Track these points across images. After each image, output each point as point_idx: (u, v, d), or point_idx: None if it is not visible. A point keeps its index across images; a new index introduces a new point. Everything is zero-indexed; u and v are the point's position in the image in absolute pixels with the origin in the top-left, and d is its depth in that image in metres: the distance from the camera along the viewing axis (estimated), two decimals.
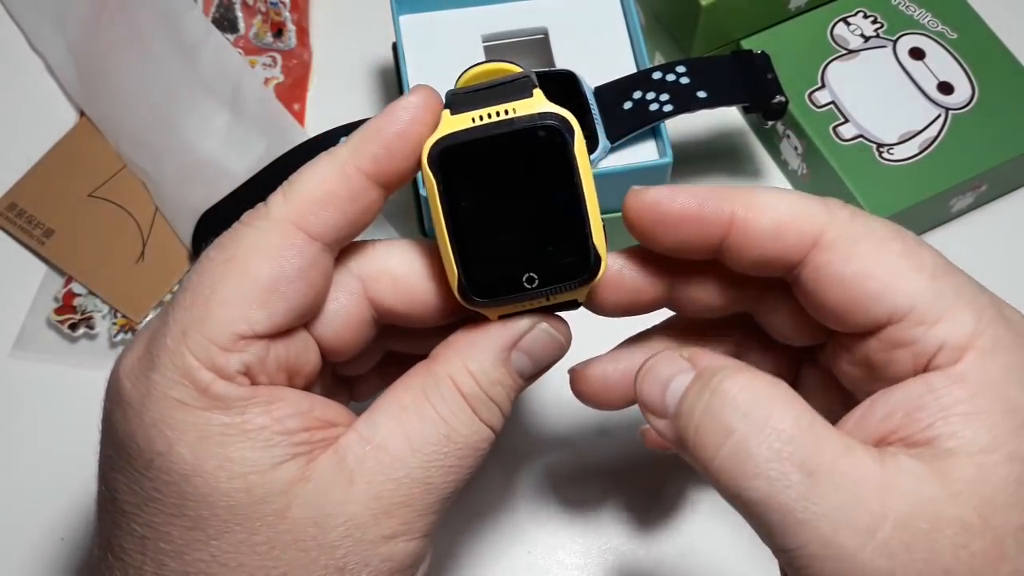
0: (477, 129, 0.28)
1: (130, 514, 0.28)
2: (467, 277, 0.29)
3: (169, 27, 0.53)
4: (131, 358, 0.28)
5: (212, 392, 0.27)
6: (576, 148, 0.28)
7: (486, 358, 0.30)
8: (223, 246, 0.28)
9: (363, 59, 0.56)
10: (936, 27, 0.53)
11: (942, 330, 0.27)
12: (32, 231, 0.50)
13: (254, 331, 0.28)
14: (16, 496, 0.45)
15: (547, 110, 0.28)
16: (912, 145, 0.49)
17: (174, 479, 0.27)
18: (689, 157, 0.52)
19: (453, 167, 0.29)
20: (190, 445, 0.27)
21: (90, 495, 0.44)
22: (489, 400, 0.30)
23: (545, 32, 0.49)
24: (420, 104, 0.29)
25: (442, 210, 0.29)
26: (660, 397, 0.29)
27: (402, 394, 0.29)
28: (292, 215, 0.28)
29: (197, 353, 0.27)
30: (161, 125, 0.51)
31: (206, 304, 0.27)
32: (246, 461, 0.27)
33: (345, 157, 0.29)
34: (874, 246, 0.28)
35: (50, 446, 0.46)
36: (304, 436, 0.28)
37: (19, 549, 0.44)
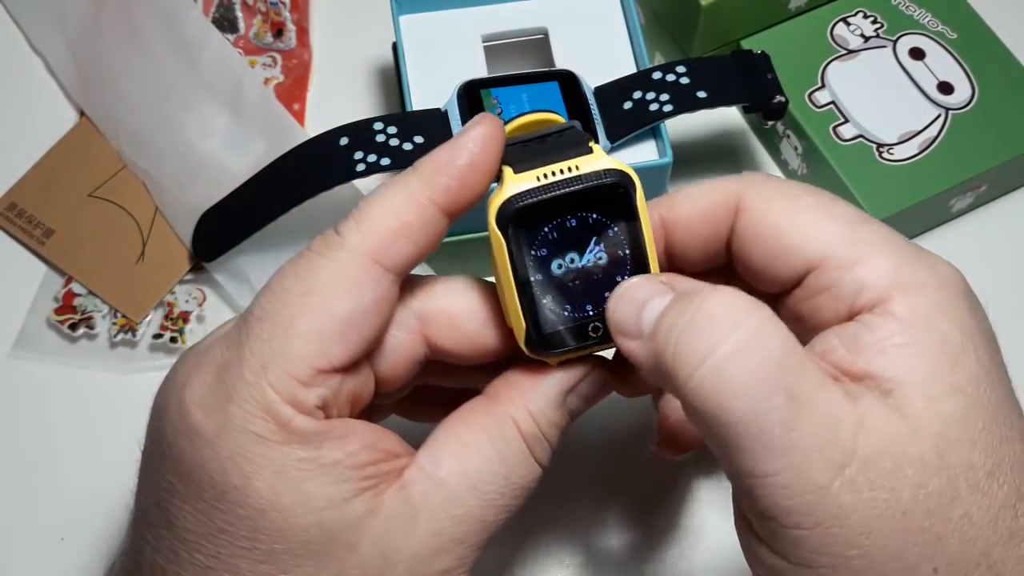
0: (544, 188, 0.29)
1: (193, 543, 0.27)
2: (535, 330, 0.30)
3: (169, 27, 0.53)
4: (199, 387, 0.28)
5: (292, 427, 0.27)
6: (638, 201, 0.29)
7: (546, 401, 0.30)
8: (300, 277, 0.28)
9: (363, 59, 0.56)
10: (936, 27, 0.53)
11: (860, 273, 0.28)
12: (32, 231, 0.50)
13: (332, 365, 0.28)
14: (16, 496, 0.45)
15: (611, 166, 0.29)
16: (912, 145, 0.49)
17: (249, 513, 0.27)
18: (689, 157, 0.52)
19: (521, 225, 0.29)
20: (267, 480, 0.27)
21: (90, 495, 0.45)
22: (545, 441, 0.30)
23: (545, 32, 0.49)
24: (489, 135, 0.29)
25: (510, 266, 0.29)
26: (635, 317, 0.28)
27: (463, 431, 0.30)
28: (368, 247, 0.28)
29: (278, 387, 0.27)
30: (161, 125, 0.51)
31: (286, 338, 0.27)
32: (321, 496, 0.27)
33: (418, 188, 0.29)
34: (787, 202, 0.29)
35: (50, 446, 0.46)
36: (372, 470, 0.28)
37: (19, 549, 0.44)
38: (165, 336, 0.48)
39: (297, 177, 0.45)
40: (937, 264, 0.28)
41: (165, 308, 0.48)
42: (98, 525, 0.43)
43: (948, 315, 0.27)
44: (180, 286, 0.49)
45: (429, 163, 0.29)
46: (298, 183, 0.44)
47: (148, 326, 0.48)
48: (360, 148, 0.43)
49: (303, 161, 0.45)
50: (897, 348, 0.27)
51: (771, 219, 0.29)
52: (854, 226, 0.29)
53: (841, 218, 0.29)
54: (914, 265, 0.28)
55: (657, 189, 0.47)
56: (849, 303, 0.28)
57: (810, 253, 0.29)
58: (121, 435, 0.46)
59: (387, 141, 0.43)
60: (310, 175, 0.44)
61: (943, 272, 0.28)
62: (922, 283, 0.27)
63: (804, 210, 0.29)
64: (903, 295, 0.27)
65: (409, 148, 0.43)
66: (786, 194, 0.30)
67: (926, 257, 0.29)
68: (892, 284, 0.27)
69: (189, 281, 0.49)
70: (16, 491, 0.45)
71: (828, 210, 0.29)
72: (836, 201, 0.30)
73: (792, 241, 0.29)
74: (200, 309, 0.48)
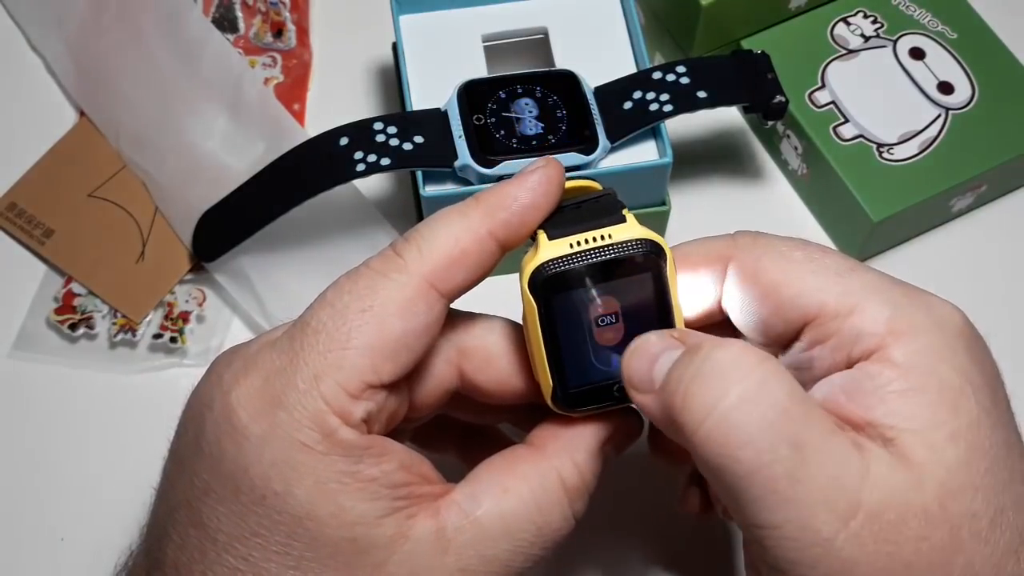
0: (576, 256, 0.30)
1: (223, 544, 0.28)
2: (561, 388, 0.31)
3: (169, 27, 0.53)
4: (247, 389, 0.28)
5: (336, 438, 0.28)
6: (668, 271, 0.30)
7: (590, 453, 0.31)
8: (359, 294, 0.29)
9: (363, 59, 0.56)
10: (936, 27, 0.53)
11: (857, 320, 0.28)
12: (32, 231, 0.50)
13: (381, 381, 0.29)
14: (16, 496, 0.45)
15: (642, 236, 0.30)
16: (912, 145, 0.49)
17: (285, 519, 0.27)
18: (689, 157, 0.52)
19: (552, 290, 0.30)
20: (307, 489, 0.27)
21: (90, 495, 0.45)
22: (586, 493, 0.31)
23: (545, 32, 0.49)
24: (551, 179, 0.30)
25: (540, 328, 0.30)
26: (647, 371, 0.29)
27: (505, 477, 0.30)
28: (426, 271, 0.29)
29: (328, 398, 0.28)
30: (161, 125, 0.51)
31: (342, 351, 0.28)
32: (356, 511, 0.28)
33: (479, 220, 0.30)
34: (777, 259, 0.30)
35: (50, 446, 0.46)
36: (405, 491, 0.29)
37: (19, 549, 0.44)
38: (165, 336, 0.48)
39: (297, 177, 0.45)
40: (933, 305, 0.29)
41: (165, 308, 0.48)
42: (98, 525, 0.43)
43: (946, 359, 0.27)
44: (180, 286, 0.49)
45: (493, 197, 0.30)
46: (298, 183, 0.44)
47: (148, 326, 0.48)
48: (360, 148, 0.43)
49: (303, 161, 0.45)
50: (897, 395, 0.27)
51: (764, 278, 0.30)
52: (845, 276, 0.29)
53: (832, 269, 0.30)
54: (909, 310, 0.28)
55: (657, 189, 0.47)
56: (847, 352, 0.28)
57: (805, 306, 0.29)
58: (121, 435, 0.46)
59: (387, 141, 0.43)
60: (310, 175, 0.44)
61: (939, 313, 0.29)
62: (918, 328, 0.28)
63: (795, 264, 0.30)
64: (899, 341, 0.28)
65: (409, 148, 0.43)
66: (775, 251, 0.30)
67: (921, 299, 0.29)
68: (888, 331, 0.28)
69: (189, 281, 0.49)
70: (16, 491, 0.45)
71: (818, 262, 0.30)
72: (826, 252, 0.30)
73: (787, 296, 0.30)
74: (200, 309, 0.48)
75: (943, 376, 0.27)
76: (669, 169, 0.45)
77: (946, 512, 0.25)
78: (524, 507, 0.29)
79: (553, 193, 0.30)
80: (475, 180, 0.44)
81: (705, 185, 0.52)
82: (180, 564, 0.29)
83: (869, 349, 0.28)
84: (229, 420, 0.28)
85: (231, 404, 0.28)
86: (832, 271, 0.30)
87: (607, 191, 0.32)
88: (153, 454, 0.32)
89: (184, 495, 0.29)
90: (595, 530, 0.44)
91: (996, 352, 0.30)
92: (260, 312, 0.47)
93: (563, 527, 0.30)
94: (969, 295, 0.50)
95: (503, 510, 0.29)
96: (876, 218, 0.47)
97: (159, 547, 0.29)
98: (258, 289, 0.47)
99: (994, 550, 0.26)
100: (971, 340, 0.29)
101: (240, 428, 0.28)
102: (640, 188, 0.46)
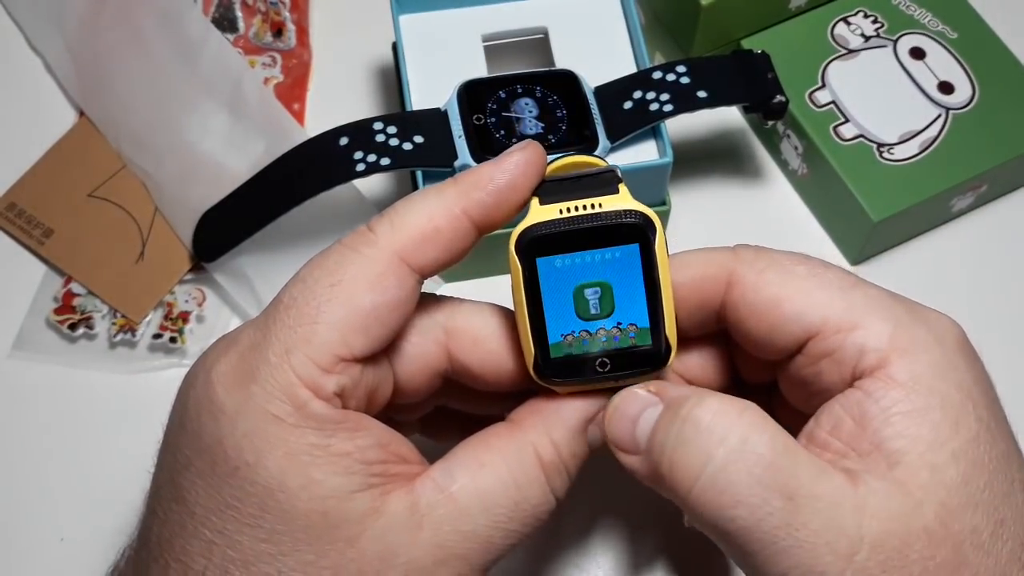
0: (563, 221, 0.30)
1: (200, 517, 0.28)
2: (543, 357, 0.30)
3: (169, 27, 0.53)
4: (224, 366, 0.29)
5: (308, 410, 0.28)
6: (656, 244, 0.30)
7: (568, 429, 0.31)
8: (329, 269, 0.29)
9: (363, 59, 0.56)
10: (936, 27, 0.53)
11: (860, 336, 0.28)
12: (32, 231, 0.50)
13: (353, 355, 0.29)
14: (16, 496, 0.45)
15: (631, 207, 0.30)
16: (912, 145, 0.49)
17: (256, 491, 0.27)
18: (689, 157, 0.52)
19: (538, 255, 0.30)
20: (278, 460, 0.27)
21: (90, 495, 0.45)
22: (564, 471, 0.31)
23: (545, 32, 0.49)
24: (530, 160, 0.30)
25: (524, 294, 0.30)
26: (630, 434, 0.29)
27: (482, 452, 0.30)
28: (398, 246, 0.29)
29: (299, 371, 0.28)
30: (161, 125, 0.51)
31: (311, 325, 0.28)
32: (327, 485, 0.28)
33: (454, 198, 0.30)
34: (780, 273, 0.30)
35: (50, 446, 0.46)
36: (380, 468, 0.29)
37: (19, 549, 0.44)
38: (165, 336, 0.48)
39: (297, 177, 0.45)
40: (932, 320, 0.29)
41: (165, 308, 0.48)
42: (98, 525, 0.43)
43: (947, 375, 0.28)
44: (180, 286, 0.49)
45: (469, 177, 0.30)
46: (298, 183, 0.44)
47: (148, 326, 0.48)
48: (360, 148, 0.43)
49: (303, 161, 0.45)
50: (902, 417, 0.27)
51: (767, 292, 0.30)
52: (848, 291, 0.30)
53: (835, 284, 0.30)
54: (910, 326, 0.29)
55: (657, 189, 0.47)
56: (851, 366, 0.29)
57: (808, 321, 0.29)
58: (121, 435, 0.46)
59: (387, 141, 0.43)
60: (310, 175, 0.44)
61: (939, 328, 0.29)
62: (919, 344, 0.28)
63: (797, 279, 0.30)
64: (902, 358, 0.28)
65: (409, 148, 0.43)
66: (778, 265, 0.30)
67: (921, 314, 0.29)
68: (890, 347, 0.28)
69: (189, 281, 0.49)
70: (16, 491, 0.45)
71: (821, 277, 0.30)
72: (828, 267, 0.30)
73: (789, 311, 0.30)
74: (200, 309, 0.48)
75: (945, 394, 0.27)
76: (669, 169, 0.45)
77: (948, 530, 0.26)
78: (500, 482, 0.29)
79: (531, 175, 0.30)
80: None
81: (705, 185, 0.52)
82: (163, 539, 0.29)
83: (872, 365, 0.28)
84: (208, 395, 0.28)
85: (211, 380, 0.29)
86: (835, 286, 0.30)
87: (610, 168, 0.31)
88: (153, 454, 0.32)
89: (168, 472, 0.29)
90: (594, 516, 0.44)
91: (995, 351, 0.30)
92: (260, 312, 0.47)
93: (542, 503, 0.30)
94: (969, 295, 0.50)
95: (479, 485, 0.29)
96: (876, 218, 0.47)
97: (146, 525, 0.30)
98: (258, 289, 0.47)
99: (997, 560, 0.26)
100: (969, 354, 0.29)
101: (217, 402, 0.28)
102: (640, 188, 0.45)
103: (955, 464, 0.27)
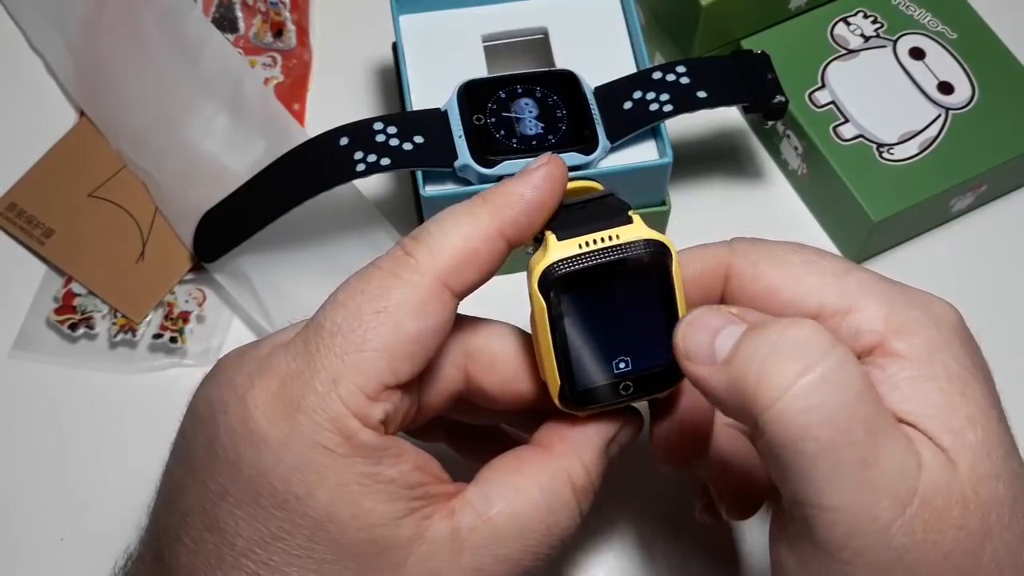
0: (586, 256, 0.30)
1: (242, 548, 0.28)
2: (569, 388, 0.31)
3: (169, 27, 0.53)
4: (263, 393, 0.28)
5: (356, 440, 0.28)
6: (674, 271, 0.31)
7: (595, 452, 0.32)
8: (372, 296, 0.29)
9: (363, 59, 0.56)
10: (936, 27, 0.53)
11: (856, 319, 0.29)
12: (32, 231, 0.50)
13: (398, 382, 0.29)
14: (16, 496, 0.45)
15: (649, 237, 0.30)
16: (912, 145, 0.49)
17: (306, 523, 0.27)
18: (689, 157, 0.52)
19: (561, 290, 0.30)
20: (328, 491, 0.27)
21: (90, 495, 0.45)
22: (592, 492, 0.31)
23: (545, 32, 0.49)
24: (554, 176, 0.31)
25: (549, 328, 0.30)
26: (708, 345, 0.28)
27: (515, 477, 0.30)
28: (439, 271, 0.29)
29: (348, 401, 0.28)
30: (161, 125, 0.51)
31: (359, 353, 0.28)
32: (376, 513, 0.28)
33: (487, 218, 0.30)
34: (776, 263, 0.31)
35: (50, 446, 0.46)
36: (421, 491, 0.29)
37: (19, 549, 0.44)
38: (165, 336, 0.48)
39: (297, 177, 0.45)
40: (929, 303, 0.29)
41: (165, 308, 0.48)
42: (98, 525, 0.43)
43: (945, 351, 0.28)
44: (180, 286, 0.49)
45: (499, 196, 0.30)
46: (298, 183, 0.44)
47: (148, 326, 0.48)
48: (360, 148, 0.43)
49: (303, 161, 0.45)
50: (909, 381, 0.27)
51: (764, 281, 0.31)
52: (842, 277, 0.30)
53: (829, 271, 0.30)
54: (905, 308, 0.29)
55: (657, 189, 0.47)
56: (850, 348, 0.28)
57: (806, 307, 0.30)
58: (121, 435, 0.46)
59: (387, 141, 0.43)
60: (310, 175, 0.44)
61: (935, 311, 0.29)
62: (915, 324, 0.28)
63: (793, 268, 0.31)
64: (899, 337, 0.28)
65: (409, 148, 0.43)
66: (774, 256, 0.31)
67: (918, 297, 0.29)
68: (886, 328, 0.28)
69: (189, 281, 0.49)
70: (16, 491, 0.45)
71: (816, 265, 0.30)
72: (822, 255, 0.31)
73: (787, 298, 0.30)
74: (200, 309, 0.48)
75: (947, 365, 0.28)
76: (669, 169, 0.45)
77: (979, 498, 0.26)
78: (535, 507, 0.30)
79: (558, 190, 0.31)
80: (475, 180, 0.44)
81: (705, 185, 0.52)
82: (194, 569, 0.28)
83: (869, 345, 0.29)
84: (246, 424, 0.28)
85: (248, 408, 0.28)
86: (829, 272, 0.30)
87: (609, 191, 0.32)
88: (153, 454, 0.32)
89: (198, 500, 0.29)
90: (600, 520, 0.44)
91: (995, 351, 0.30)
92: (260, 312, 0.47)
93: (571, 526, 0.31)
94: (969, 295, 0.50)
95: (515, 510, 0.30)
96: (876, 218, 0.47)
97: (170, 553, 0.29)
98: (258, 289, 0.47)
99: (1013, 537, 0.26)
100: (965, 337, 0.29)
101: (259, 432, 0.28)
102: (640, 188, 0.46)
103: (972, 429, 0.26)
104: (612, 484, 0.33)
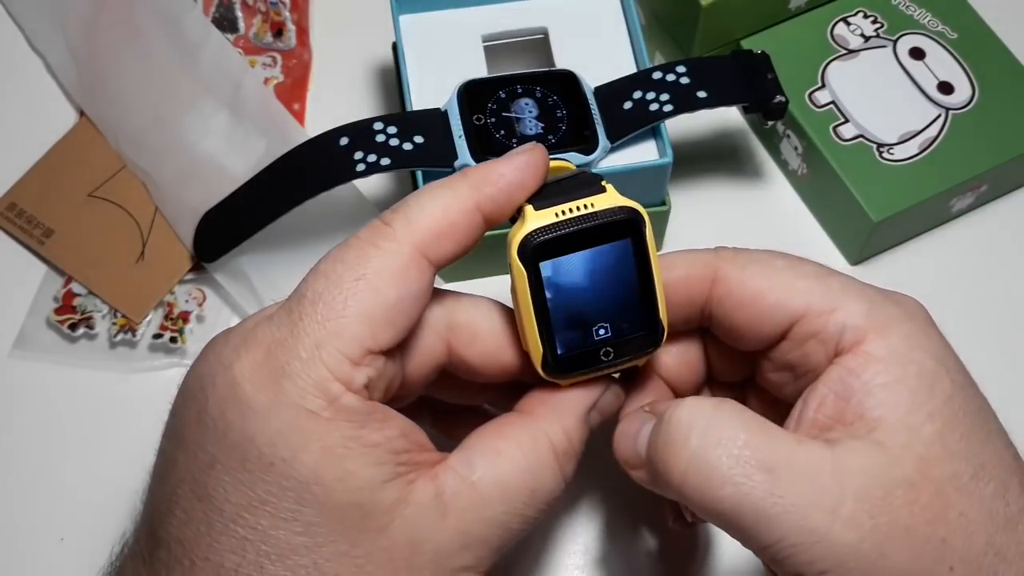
0: (562, 224, 0.31)
1: (231, 514, 0.28)
2: (551, 355, 0.32)
3: (169, 27, 0.53)
4: (249, 362, 0.29)
5: (340, 403, 0.28)
6: (648, 236, 0.32)
7: (577, 418, 0.33)
8: (351, 264, 0.30)
9: (363, 59, 0.56)
10: (936, 27, 0.53)
11: (840, 316, 0.31)
12: (32, 231, 0.50)
13: (380, 347, 0.29)
14: (16, 496, 0.45)
15: (623, 204, 0.32)
16: (912, 145, 0.49)
17: (292, 485, 0.28)
18: (689, 157, 0.52)
19: (540, 258, 0.31)
20: (313, 454, 0.28)
21: (90, 495, 0.45)
22: (574, 456, 0.32)
23: (545, 32, 0.49)
24: (537, 161, 0.32)
25: (530, 296, 0.31)
26: (633, 451, 0.32)
27: (497, 441, 0.31)
28: (416, 240, 0.30)
29: (331, 366, 0.28)
30: (161, 125, 0.51)
31: (340, 319, 0.29)
32: (361, 476, 0.28)
33: (467, 193, 0.31)
34: (761, 267, 0.33)
35: (50, 446, 0.46)
36: (406, 457, 0.30)
37: (19, 549, 0.44)
38: (165, 336, 0.48)
39: (297, 177, 0.45)
40: (901, 300, 0.32)
41: (165, 308, 0.48)
42: (98, 525, 0.43)
43: (921, 345, 0.30)
44: (180, 286, 0.49)
45: (479, 173, 0.32)
46: (298, 183, 0.44)
47: (148, 326, 0.48)
48: (360, 148, 0.43)
49: (303, 161, 0.45)
50: (882, 387, 0.30)
51: (751, 285, 0.32)
52: (824, 279, 0.32)
53: (812, 274, 0.32)
54: (882, 305, 0.31)
55: (657, 189, 0.47)
56: (834, 344, 0.31)
57: (792, 307, 0.32)
58: (121, 435, 0.46)
59: (387, 141, 0.43)
60: (310, 175, 0.44)
61: (909, 307, 0.32)
62: (893, 319, 0.31)
63: (778, 272, 0.32)
64: (878, 332, 0.30)
65: (409, 148, 0.43)
66: (759, 261, 0.33)
67: (891, 296, 0.32)
68: (867, 324, 0.31)
69: (189, 281, 0.49)
70: (16, 491, 0.45)
71: (799, 268, 0.33)
72: (803, 261, 0.33)
73: (774, 300, 0.32)
74: (200, 309, 0.48)
75: (920, 362, 0.30)
76: (669, 169, 0.45)
77: (927, 477, 0.28)
78: (517, 470, 0.31)
79: (538, 175, 0.32)
80: None
81: (705, 185, 0.52)
82: (185, 539, 0.29)
83: (853, 340, 0.30)
84: (234, 393, 0.29)
85: (235, 377, 0.29)
86: (813, 275, 0.32)
87: (581, 169, 0.33)
88: (153, 453, 0.32)
89: (187, 471, 0.29)
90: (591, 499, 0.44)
91: (995, 351, 0.31)
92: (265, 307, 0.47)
93: (555, 489, 0.32)
94: (969, 295, 0.50)
95: (497, 473, 0.30)
96: (876, 218, 0.47)
97: (161, 525, 0.30)
98: (258, 289, 0.47)
99: (982, 498, 0.28)
100: (935, 327, 0.32)
101: (245, 399, 0.28)
102: (640, 188, 0.46)
103: (931, 422, 0.29)
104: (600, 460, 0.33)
